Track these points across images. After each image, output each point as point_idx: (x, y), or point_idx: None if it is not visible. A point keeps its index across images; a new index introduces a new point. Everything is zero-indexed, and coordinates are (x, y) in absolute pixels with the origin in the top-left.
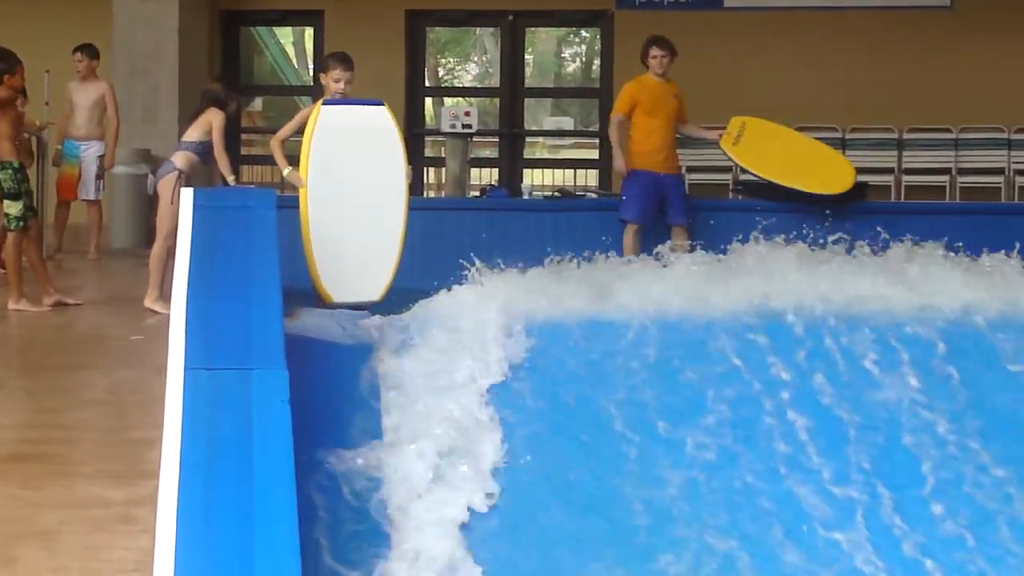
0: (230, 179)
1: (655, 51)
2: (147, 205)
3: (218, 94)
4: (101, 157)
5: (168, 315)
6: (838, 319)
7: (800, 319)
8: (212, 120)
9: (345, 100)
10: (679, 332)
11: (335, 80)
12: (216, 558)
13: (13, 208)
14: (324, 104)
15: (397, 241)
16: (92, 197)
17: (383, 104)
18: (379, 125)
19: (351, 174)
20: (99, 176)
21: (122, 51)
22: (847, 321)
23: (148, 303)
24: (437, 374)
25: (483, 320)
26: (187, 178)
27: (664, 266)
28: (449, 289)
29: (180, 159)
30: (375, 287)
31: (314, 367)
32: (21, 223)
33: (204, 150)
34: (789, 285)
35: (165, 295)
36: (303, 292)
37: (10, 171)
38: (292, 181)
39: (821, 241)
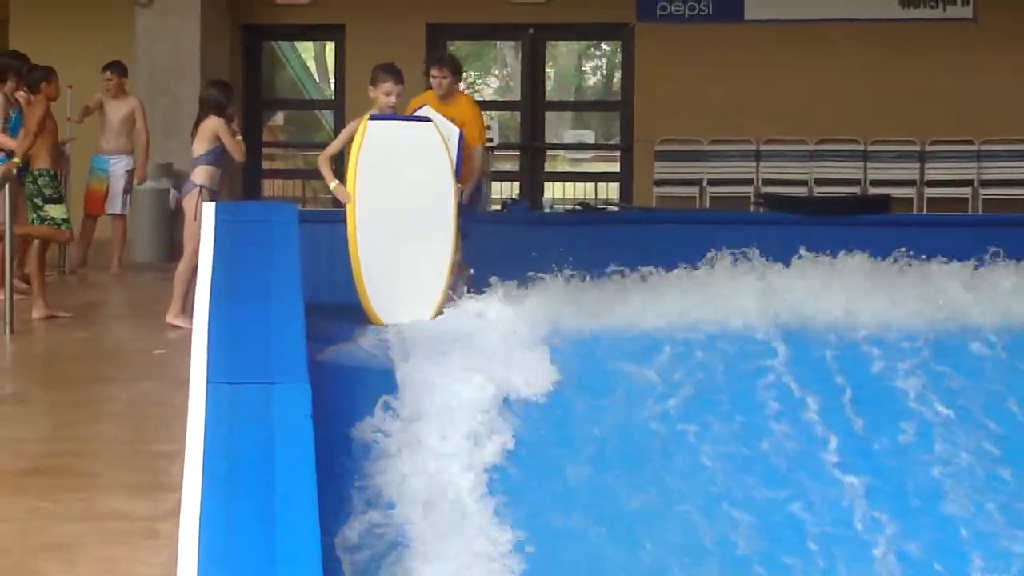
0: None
1: (433, 71)
2: (169, 219)
3: (217, 98)
4: (129, 172)
5: (190, 329)
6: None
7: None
8: (214, 128)
9: (393, 116)
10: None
11: (386, 93)
12: (238, 572)
13: (58, 211)
14: (371, 119)
15: (446, 260)
16: (119, 211)
17: (432, 120)
18: (428, 142)
19: (398, 191)
20: (127, 191)
21: (144, 66)
22: None
23: (170, 318)
24: (458, 385)
25: (505, 332)
26: (210, 192)
27: None
28: (473, 300)
29: (200, 175)
30: (426, 308)
31: (334, 378)
32: (68, 224)
33: (216, 159)
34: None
35: (187, 310)
36: (327, 306)
37: (47, 178)
38: (339, 196)
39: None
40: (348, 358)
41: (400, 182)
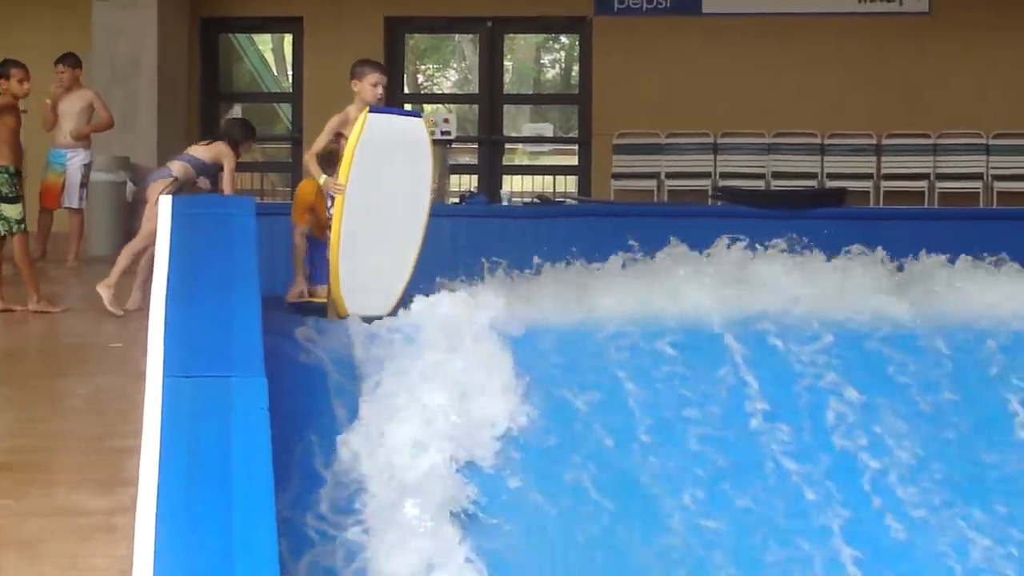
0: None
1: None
2: (126, 212)
3: (235, 135)
4: (86, 166)
5: (113, 312)
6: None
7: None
8: (224, 159)
9: (389, 109)
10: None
11: (373, 84)
12: (195, 566)
13: (13, 211)
14: (371, 111)
15: (412, 256)
16: (76, 205)
17: (421, 117)
18: (415, 138)
19: (384, 185)
20: (83, 185)
21: (101, 59)
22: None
23: (100, 286)
24: (423, 378)
25: (465, 325)
26: (177, 186)
27: None
28: (430, 295)
29: (179, 168)
30: (387, 301)
31: (291, 370)
32: (22, 226)
33: (204, 172)
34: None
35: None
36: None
37: (6, 175)
38: (329, 189)
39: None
40: (306, 351)
41: (386, 176)
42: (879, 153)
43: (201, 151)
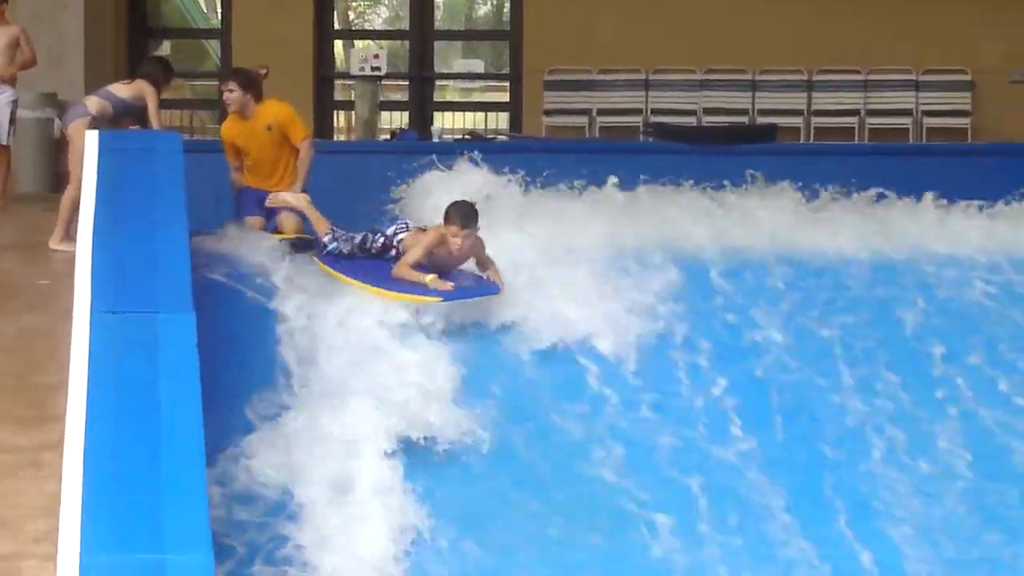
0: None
1: (221, 89)
2: (53, 149)
3: (155, 74)
4: (13, 103)
5: (74, 252)
6: None
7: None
8: (147, 97)
9: (465, 292)
10: None
11: (454, 235)
12: (123, 501)
13: None
14: (445, 299)
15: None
16: (3, 142)
17: (499, 290)
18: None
19: None
20: (12, 121)
21: None
22: None
23: (53, 244)
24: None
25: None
26: (95, 124)
27: None
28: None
29: (95, 105)
30: None
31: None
32: None
33: (124, 110)
34: None
35: (71, 235)
36: (211, 235)
37: None
38: (438, 288)
39: None
40: (234, 285)
41: None
42: (810, 89)
43: (122, 89)
